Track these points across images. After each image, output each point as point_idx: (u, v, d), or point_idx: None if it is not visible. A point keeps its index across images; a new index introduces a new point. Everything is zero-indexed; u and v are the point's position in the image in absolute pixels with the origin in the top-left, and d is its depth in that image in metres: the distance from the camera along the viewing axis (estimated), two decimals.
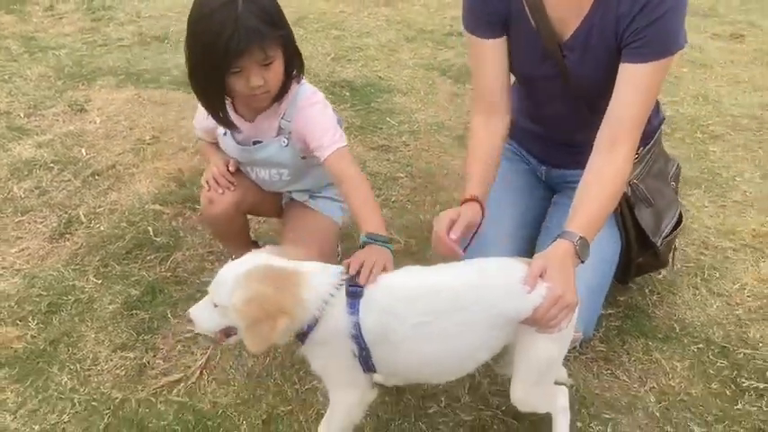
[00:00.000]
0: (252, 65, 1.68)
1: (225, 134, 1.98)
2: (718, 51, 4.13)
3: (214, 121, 1.91)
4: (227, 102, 1.84)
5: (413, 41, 4.33)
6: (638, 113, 1.69)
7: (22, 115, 3.38)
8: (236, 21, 1.61)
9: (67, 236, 2.51)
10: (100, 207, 2.67)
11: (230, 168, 2.03)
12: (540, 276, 1.47)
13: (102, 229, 2.54)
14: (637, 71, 1.66)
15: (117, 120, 3.35)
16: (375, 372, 1.56)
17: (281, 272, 1.44)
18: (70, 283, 2.28)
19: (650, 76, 1.66)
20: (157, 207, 2.66)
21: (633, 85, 1.67)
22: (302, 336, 1.48)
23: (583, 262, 1.58)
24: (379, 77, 3.82)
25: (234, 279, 1.42)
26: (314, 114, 1.87)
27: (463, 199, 1.75)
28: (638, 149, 1.90)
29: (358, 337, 1.45)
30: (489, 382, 1.90)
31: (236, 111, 1.92)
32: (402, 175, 2.93)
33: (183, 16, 4.73)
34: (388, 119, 3.35)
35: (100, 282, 2.29)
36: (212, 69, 1.69)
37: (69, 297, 2.22)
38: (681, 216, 2.02)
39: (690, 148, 3.10)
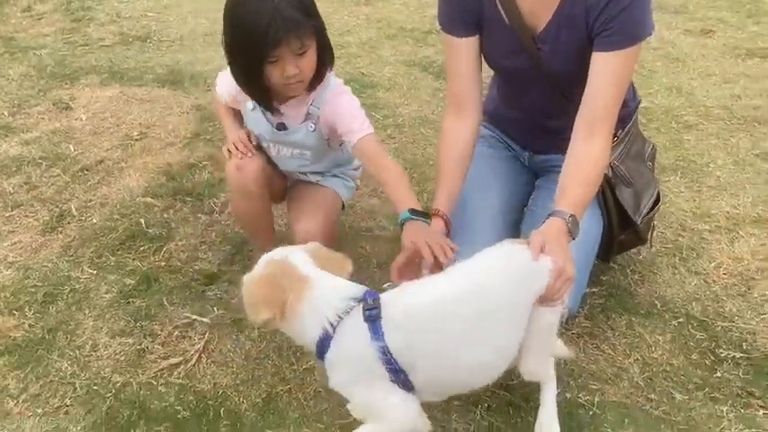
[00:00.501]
0: (287, 54, 1.73)
1: (253, 108, 2.00)
2: (689, 46, 4.27)
3: (234, 90, 1.97)
4: None
5: (393, 39, 4.41)
6: (612, 101, 1.76)
7: (6, 114, 3.39)
8: (273, 11, 1.66)
9: (59, 229, 2.54)
10: (91, 201, 2.70)
11: (252, 140, 2.05)
12: (542, 251, 1.54)
13: (94, 221, 2.57)
14: (608, 60, 1.74)
15: (103, 117, 3.36)
16: (413, 391, 1.50)
17: (297, 274, 1.45)
18: (65, 274, 2.30)
19: (622, 63, 1.74)
20: (148, 200, 2.69)
21: (606, 73, 1.75)
22: (319, 352, 1.47)
23: (574, 239, 1.65)
24: (362, 74, 3.88)
25: (261, 261, 1.51)
26: (343, 103, 1.94)
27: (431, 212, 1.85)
28: (617, 132, 1.99)
29: (390, 362, 1.43)
30: None
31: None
32: None
33: (163, 17, 4.84)
34: (372, 113, 3.41)
35: (95, 272, 2.32)
36: (250, 59, 1.75)
37: (65, 287, 2.25)
38: (659, 195, 2.11)
39: (665, 137, 3.20)
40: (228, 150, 2.03)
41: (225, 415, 1.81)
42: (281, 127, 2.01)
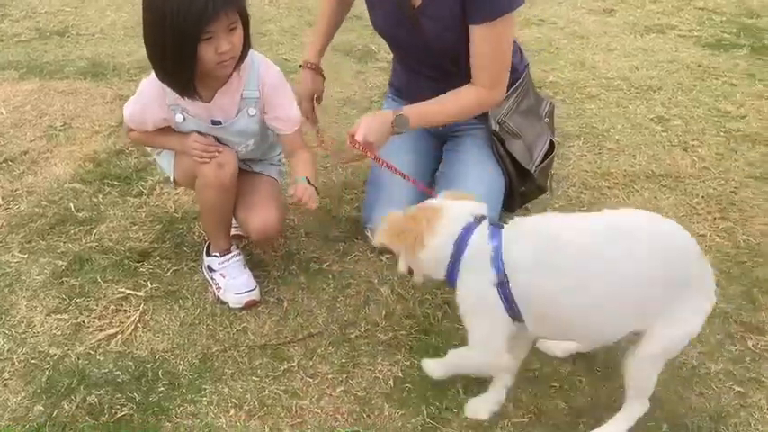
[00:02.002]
0: (221, 30, 1.74)
1: (184, 120, 1.98)
2: (592, 24, 4.56)
3: (164, 112, 1.95)
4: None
5: (314, 26, 4.51)
6: (499, 68, 2.01)
7: None
8: None
9: None
10: (17, 190, 2.71)
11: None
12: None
13: (21, 208, 2.59)
14: (483, 31, 1.94)
15: (24, 110, 3.35)
16: (520, 319, 1.52)
17: (430, 208, 1.64)
18: None
19: (498, 33, 1.95)
20: (77, 186, 2.73)
21: (483, 42, 1.96)
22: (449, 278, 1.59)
23: (397, 133, 2.01)
24: (285, 60, 3.99)
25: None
26: (282, 84, 2.00)
27: (305, 63, 2.38)
28: None
29: (498, 264, 1.49)
30: (401, 307, 2.14)
31: (182, 96, 1.91)
32: (314, 144, 3.11)
33: (81, 11, 4.81)
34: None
35: (25, 256, 2.35)
36: (184, 38, 1.71)
37: None
38: (552, 145, 2.30)
39: (570, 107, 3.45)
40: (200, 156, 1.99)
41: (163, 375, 1.91)
42: (216, 123, 2.00)
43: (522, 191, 2.24)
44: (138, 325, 2.08)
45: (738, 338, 2.03)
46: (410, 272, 1.70)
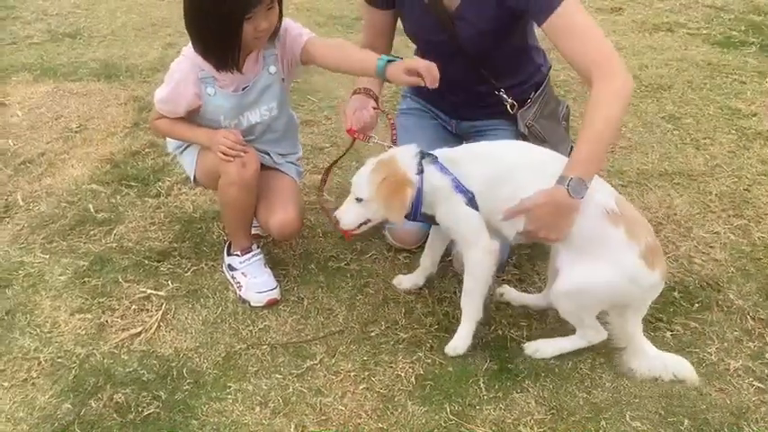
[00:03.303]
0: (261, 10, 1.87)
1: (214, 94, 2.04)
2: (601, 23, 4.57)
3: (196, 86, 2.02)
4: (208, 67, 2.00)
5: (324, 26, 4.54)
6: (599, 45, 1.83)
7: None
8: None
9: (7, 219, 2.58)
10: (36, 191, 2.74)
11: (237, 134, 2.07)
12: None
13: (42, 210, 2.62)
14: (556, 23, 1.85)
15: (40, 112, 3.38)
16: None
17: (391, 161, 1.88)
18: (18, 260, 2.36)
19: (570, 16, 1.85)
20: (95, 187, 2.76)
21: (564, 35, 1.85)
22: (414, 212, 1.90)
23: (582, 197, 1.75)
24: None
25: (366, 176, 1.87)
26: (287, 20, 2.10)
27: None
28: (531, 94, 2.20)
29: (459, 187, 1.86)
30: (421, 305, 2.16)
31: (219, 70, 2.00)
32: (327, 145, 3.14)
33: (92, 13, 4.83)
34: (309, 97, 3.55)
35: (47, 256, 2.38)
36: (230, 20, 1.85)
37: (19, 272, 2.30)
38: (572, 149, 2.32)
39: (582, 106, 3.44)
40: (225, 153, 2.02)
41: (188, 374, 1.93)
42: (244, 88, 2.07)
43: None
44: (161, 324, 2.11)
45: (756, 335, 2.05)
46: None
